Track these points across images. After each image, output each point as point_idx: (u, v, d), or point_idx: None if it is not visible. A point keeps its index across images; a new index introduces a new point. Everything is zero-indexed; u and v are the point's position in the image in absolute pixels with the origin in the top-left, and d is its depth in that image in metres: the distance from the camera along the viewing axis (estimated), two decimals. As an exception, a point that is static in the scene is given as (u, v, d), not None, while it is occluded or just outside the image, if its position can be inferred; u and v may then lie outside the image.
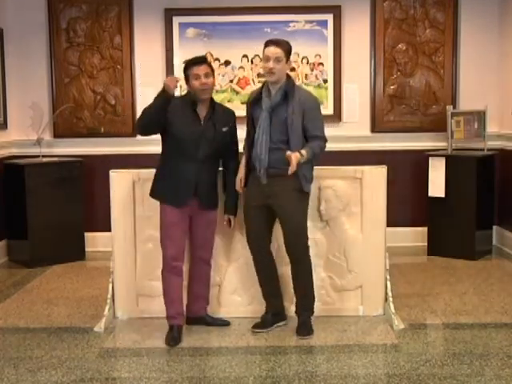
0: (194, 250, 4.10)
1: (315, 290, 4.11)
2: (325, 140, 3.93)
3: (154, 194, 4.00)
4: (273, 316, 4.12)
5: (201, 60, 3.91)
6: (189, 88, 3.92)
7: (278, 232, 4.09)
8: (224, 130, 3.94)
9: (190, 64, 3.88)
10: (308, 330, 3.98)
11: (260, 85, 4.06)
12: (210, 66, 3.93)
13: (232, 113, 4.06)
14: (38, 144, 5.90)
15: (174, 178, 3.88)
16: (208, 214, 4.02)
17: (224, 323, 4.17)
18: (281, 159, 3.80)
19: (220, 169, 4.08)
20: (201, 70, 3.83)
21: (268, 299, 4.15)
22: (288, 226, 3.94)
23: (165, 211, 3.92)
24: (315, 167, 4.04)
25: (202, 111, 3.91)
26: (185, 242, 4.00)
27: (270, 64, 3.81)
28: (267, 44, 3.87)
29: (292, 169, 3.71)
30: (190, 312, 4.17)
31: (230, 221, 4.11)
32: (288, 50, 3.88)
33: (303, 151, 3.77)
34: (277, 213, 3.95)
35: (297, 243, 3.95)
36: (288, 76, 3.93)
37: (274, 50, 3.81)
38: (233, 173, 4.04)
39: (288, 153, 3.72)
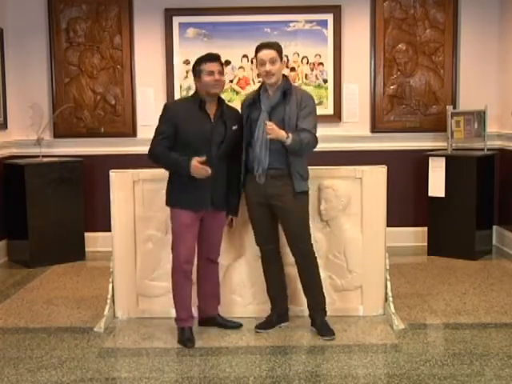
0: (202, 251, 4.05)
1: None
2: (314, 136, 3.87)
3: (170, 202, 3.92)
4: (278, 317, 4.12)
5: (215, 57, 3.88)
6: (198, 85, 3.87)
7: (280, 231, 4.06)
8: (234, 128, 3.90)
9: (203, 60, 3.85)
10: (331, 331, 3.97)
11: (260, 85, 4.06)
12: (222, 64, 3.91)
13: (238, 112, 4.02)
14: (38, 144, 5.90)
15: (189, 184, 3.79)
16: (219, 215, 4.00)
17: (235, 325, 4.12)
18: (279, 159, 3.82)
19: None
20: (214, 66, 3.82)
21: (274, 300, 4.14)
22: (290, 226, 3.93)
23: (179, 214, 3.85)
24: (315, 167, 4.05)
25: (211, 110, 3.87)
26: (195, 245, 3.97)
27: (267, 67, 3.81)
28: (259, 48, 3.87)
29: (270, 128, 3.70)
30: (203, 312, 4.14)
31: (232, 221, 4.10)
32: (280, 50, 3.90)
33: (290, 133, 3.75)
34: (278, 214, 3.94)
35: (300, 242, 3.95)
36: (284, 76, 3.94)
37: (267, 53, 3.83)
38: (236, 174, 3.96)
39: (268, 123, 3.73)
